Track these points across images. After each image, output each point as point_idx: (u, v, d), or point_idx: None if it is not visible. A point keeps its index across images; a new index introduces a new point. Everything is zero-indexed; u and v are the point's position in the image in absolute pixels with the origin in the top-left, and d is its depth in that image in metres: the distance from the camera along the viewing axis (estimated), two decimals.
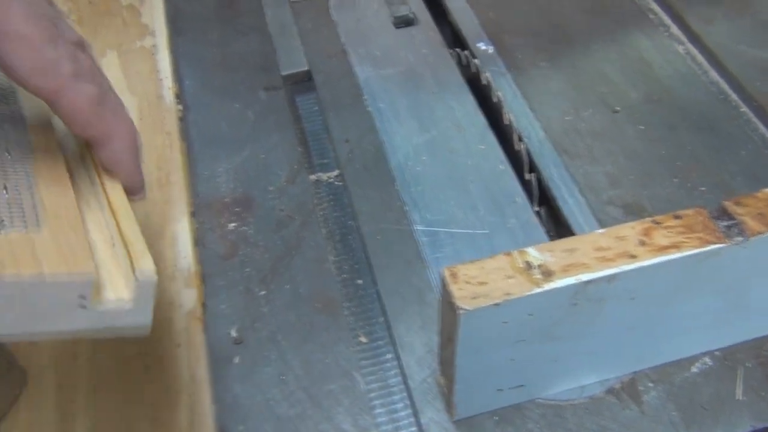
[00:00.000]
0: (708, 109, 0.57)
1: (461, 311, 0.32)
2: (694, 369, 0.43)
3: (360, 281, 0.49)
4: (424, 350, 0.44)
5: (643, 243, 0.34)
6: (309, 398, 0.42)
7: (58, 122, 0.36)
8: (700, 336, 0.42)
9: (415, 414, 0.42)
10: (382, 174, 0.54)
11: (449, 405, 0.40)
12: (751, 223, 0.34)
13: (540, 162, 0.54)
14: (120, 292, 0.29)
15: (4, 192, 0.31)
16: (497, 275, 0.33)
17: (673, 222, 0.35)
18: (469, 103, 0.59)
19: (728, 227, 0.34)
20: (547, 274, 0.33)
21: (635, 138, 0.55)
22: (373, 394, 0.43)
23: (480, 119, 0.58)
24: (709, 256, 0.34)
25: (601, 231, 0.34)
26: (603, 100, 0.58)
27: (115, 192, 0.34)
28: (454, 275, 0.33)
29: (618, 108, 0.58)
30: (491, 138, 0.56)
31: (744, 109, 0.57)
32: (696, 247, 0.33)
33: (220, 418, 0.42)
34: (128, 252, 0.31)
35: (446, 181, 0.53)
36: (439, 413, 0.41)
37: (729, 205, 0.35)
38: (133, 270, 0.29)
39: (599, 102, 0.58)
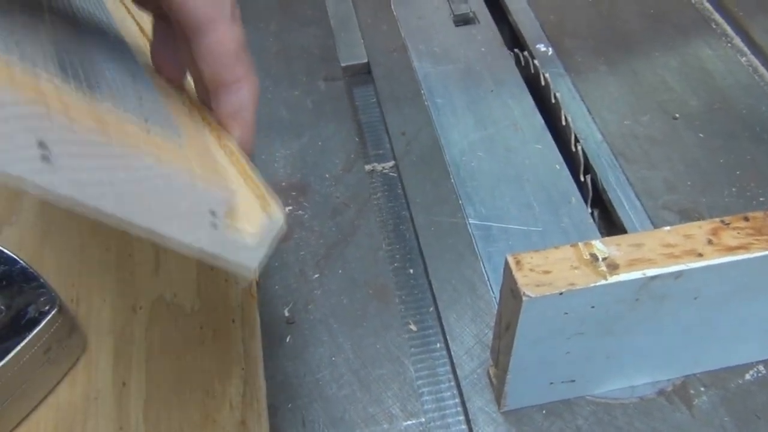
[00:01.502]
0: (760, 119, 0.57)
1: (525, 298, 0.32)
2: (748, 376, 0.42)
3: (412, 270, 0.50)
4: (473, 341, 0.44)
5: (711, 242, 0.34)
6: (358, 381, 0.43)
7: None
8: (756, 343, 0.41)
9: (463, 403, 0.42)
10: (437, 167, 0.54)
11: (499, 396, 0.40)
12: None
13: (596, 164, 0.54)
14: (249, 224, 0.28)
15: (140, 103, 0.29)
16: (562, 265, 0.33)
17: (742, 223, 0.34)
18: (526, 102, 0.59)
19: None
20: (613, 267, 0.33)
21: (694, 145, 0.55)
22: (421, 381, 0.44)
23: (537, 119, 0.58)
24: None
25: (667, 228, 0.34)
26: (662, 107, 0.58)
27: (233, 141, 0.33)
28: (518, 263, 0.33)
29: (677, 115, 0.57)
30: (548, 138, 0.56)
31: None
32: (764, 249, 0.33)
33: (270, 395, 0.42)
34: (257, 192, 0.29)
35: (501, 178, 0.53)
36: (487, 403, 0.41)
37: None
38: (264, 209, 0.28)
39: (658, 108, 0.58)
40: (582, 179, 0.54)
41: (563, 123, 0.57)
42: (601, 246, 0.34)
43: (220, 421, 0.40)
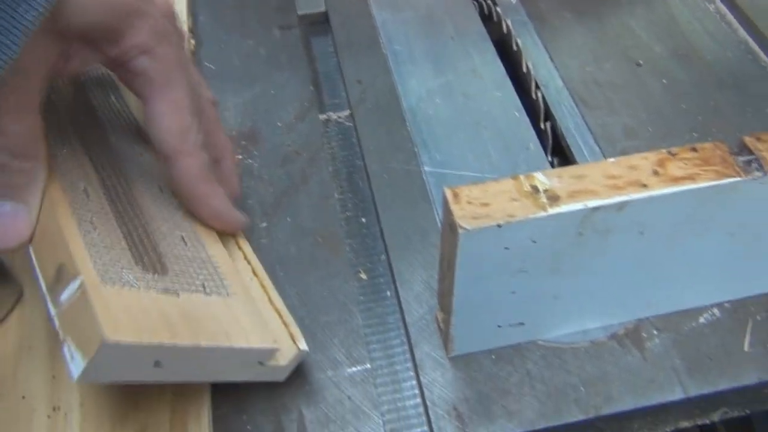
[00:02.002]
0: (735, 67, 0.55)
1: (462, 230, 0.31)
2: (701, 319, 0.41)
3: (364, 219, 0.48)
4: (423, 287, 0.43)
5: (656, 173, 0.32)
6: (303, 328, 0.41)
7: None
8: (709, 285, 0.40)
9: (411, 349, 0.41)
10: (393, 115, 0.53)
11: (446, 340, 0.39)
12: None
13: (556, 111, 0.53)
14: (285, 360, 0.36)
15: (184, 246, 0.37)
16: (502, 198, 0.32)
17: (689, 154, 0.33)
18: (487, 50, 0.57)
19: (747, 162, 0.33)
20: (554, 198, 0.32)
21: (657, 92, 0.53)
22: (369, 329, 0.42)
23: (498, 67, 0.56)
24: (724, 190, 0.32)
25: (612, 160, 0.33)
26: (626, 53, 0.56)
27: (253, 255, 0.42)
28: (456, 195, 0.32)
29: (641, 61, 0.56)
30: (508, 85, 0.55)
31: None
32: (712, 179, 0.32)
33: None
34: (289, 327, 0.38)
35: (459, 125, 0.52)
36: (434, 349, 0.40)
37: (749, 140, 0.33)
38: (294, 340, 0.37)
39: (622, 55, 0.56)
40: (542, 127, 0.53)
41: (524, 70, 0.55)
42: (542, 178, 0.32)
43: None
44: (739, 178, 0.32)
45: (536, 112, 0.53)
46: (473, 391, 0.39)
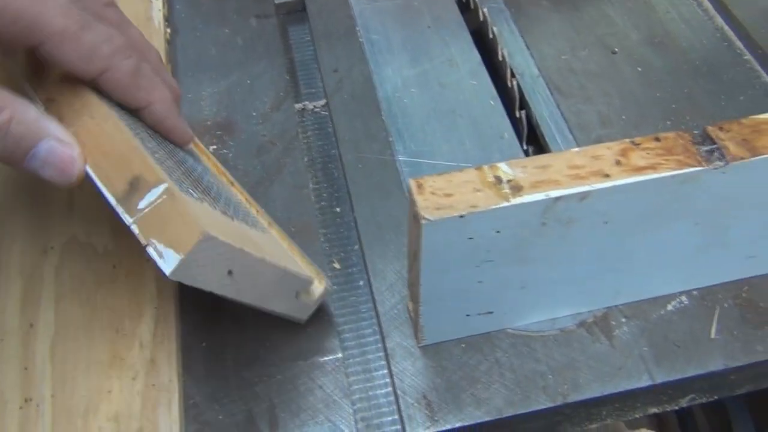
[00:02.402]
0: (710, 55, 0.55)
1: (425, 221, 0.31)
2: (669, 307, 0.41)
3: (338, 209, 0.48)
4: (395, 277, 0.43)
5: (619, 163, 0.33)
6: (275, 319, 0.42)
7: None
8: (677, 274, 0.41)
9: (383, 338, 0.41)
10: (368, 104, 0.53)
11: (416, 329, 0.40)
12: (733, 149, 0.33)
13: (531, 99, 0.53)
14: (315, 296, 0.39)
15: (221, 186, 0.40)
16: (465, 188, 0.32)
17: (652, 144, 0.33)
18: (464, 39, 0.57)
19: (709, 152, 0.33)
20: (517, 188, 0.32)
21: (632, 79, 0.54)
22: (342, 319, 0.43)
23: (474, 55, 0.56)
24: (686, 180, 0.33)
25: (576, 150, 0.33)
26: (602, 41, 0.56)
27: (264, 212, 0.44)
28: (420, 186, 0.32)
29: (617, 49, 0.56)
30: (484, 74, 0.55)
31: (748, 56, 0.56)
32: (673, 168, 0.32)
33: (185, 335, 0.41)
34: (312, 268, 0.40)
35: (434, 114, 0.52)
36: (405, 338, 0.41)
37: (712, 130, 0.34)
38: (320, 282, 0.40)
39: (598, 42, 0.56)
40: (517, 115, 0.53)
41: (500, 59, 0.55)
42: (506, 168, 0.32)
43: (128, 359, 0.39)
44: (700, 168, 0.32)
45: (512, 100, 0.53)
46: (443, 379, 0.39)
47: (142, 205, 0.31)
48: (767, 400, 0.61)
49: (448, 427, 0.38)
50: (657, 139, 0.33)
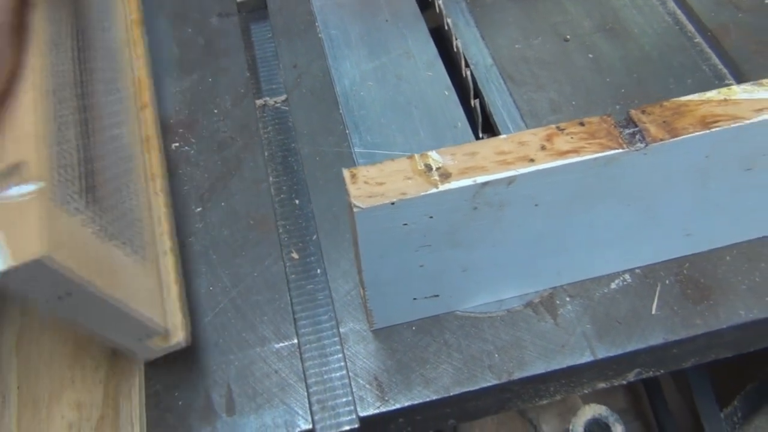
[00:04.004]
0: (661, 39, 0.57)
1: (356, 209, 0.32)
2: (613, 285, 0.43)
3: (297, 201, 0.50)
4: (349, 265, 0.45)
5: (544, 148, 0.34)
6: (234, 308, 0.43)
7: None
8: (619, 253, 0.42)
9: (337, 324, 0.43)
10: (326, 98, 0.54)
11: (367, 314, 0.41)
12: (654, 131, 0.34)
13: (485, 88, 0.54)
14: (163, 343, 0.37)
15: (126, 195, 0.39)
16: (397, 177, 0.33)
17: (576, 128, 0.35)
18: (421, 31, 0.59)
19: (631, 134, 0.34)
20: (446, 175, 0.33)
21: (583, 66, 0.55)
22: (299, 306, 0.44)
23: (431, 47, 0.57)
24: (609, 162, 0.34)
25: (504, 137, 0.35)
26: (555, 29, 0.58)
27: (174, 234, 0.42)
28: (353, 176, 0.33)
29: (569, 36, 0.57)
30: (439, 65, 0.56)
31: (698, 39, 0.57)
32: (595, 151, 0.34)
33: None
34: (176, 318, 0.38)
35: (390, 106, 0.53)
36: (358, 323, 0.42)
37: (635, 113, 0.35)
38: (175, 337, 0.38)
39: (551, 30, 0.58)
40: (472, 104, 0.54)
41: (454, 49, 0.56)
42: (436, 156, 0.34)
43: (91, 351, 0.41)
44: (621, 150, 0.34)
45: (466, 90, 0.55)
46: (394, 361, 0.41)
47: (11, 191, 0.30)
48: (727, 368, 0.63)
49: (398, 406, 0.39)
50: (581, 124, 0.35)
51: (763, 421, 0.62)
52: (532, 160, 0.33)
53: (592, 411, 0.45)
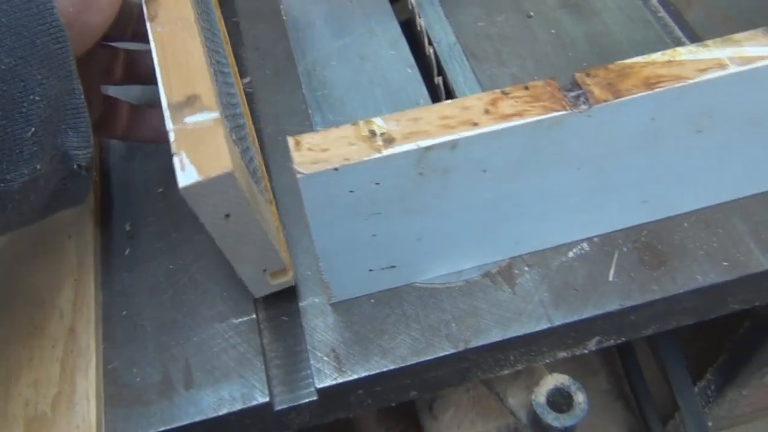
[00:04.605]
0: (624, 13, 0.57)
1: (300, 175, 0.32)
2: (571, 254, 0.43)
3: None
4: (309, 241, 0.44)
5: (487, 112, 0.34)
6: (194, 286, 0.44)
7: None
8: (577, 221, 0.42)
9: (297, 299, 0.43)
10: (289, 79, 0.54)
11: (325, 287, 0.41)
12: (597, 92, 0.34)
13: (448, 65, 0.54)
14: (279, 279, 0.40)
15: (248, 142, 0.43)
16: (340, 143, 0.33)
17: (521, 92, 0.35)
18: (384, 10, 0.59)
19: (575, 97, 0.34)
20: (389, 141, 0.33)
21: (545, 42, 0.55)
22: None
23: (394, 26, 0.57)
24: (553, 125, 0.34)
25: (448, 102, 0.35)
26: (518, 6, 0.58)
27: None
28: (298, 143, 0.34)
29: (532, 13, 0.57)
30: (403, 44, 0.56)
31: (662, 13, 0.57)
32: (539, 114, 0.34)
33: (107, 305, 0.43)
34: (287, 259, 0.41)
35: (352, 85, 0.53)
36: (318, 297, 0.42)
37: (579, 75, 0.35)
38: (286, 274, 0.41)
39: (514, 7, 0.58)
40: (436, 82, 0.54)
41: (418, 27, 0.56)
42: (380, 122, 0.34)
43: (48, 330, 0.41)
44: (564, 112, 0.34)
45: (429, 68, 0.55)
46: (352, 333, 0.41)
47: (188, 120, 0.33)
48: (698, 341, 0.63)
49: (355, 377, 0.39)
50: (526, 88, 0.35)
51: (736, 393, 0.62)
52: (475, 124, 0.34)
53: (554, 381, 0.45)
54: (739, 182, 0.43)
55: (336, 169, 0.33)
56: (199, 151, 0.32)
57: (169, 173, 0.49)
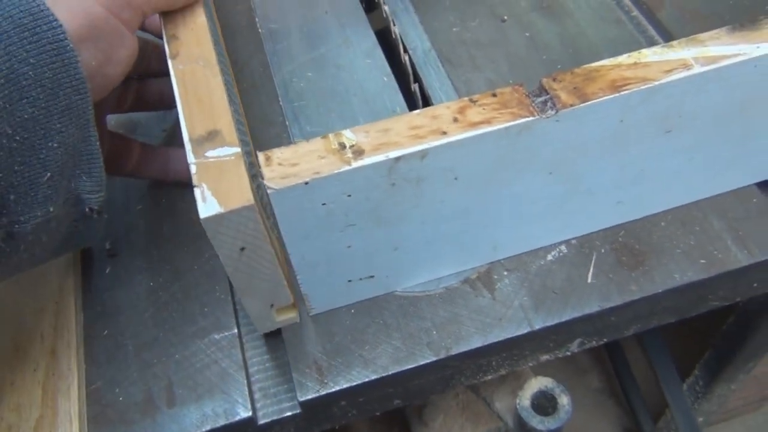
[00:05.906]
0: (597, 14, 0.57)
1: (270, 190, 0.33)
2: (549, 257, 0.43)
3: None
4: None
5: (456, 120, 0.34)
6: (175, 303, 0.44)
7: None
8: (554, 224, 0.42)
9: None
10: (266, 91, 0.54)
11: (305, 300, 0.41)
12: (564, 97, 0.34)
13: (423, 72, 0.54)
14: (284, 316, 0.41)
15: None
16: (310, 157, 0.34)
17: (489, 100, 0.35)
18: (360, 20, 0.59)
19: (543, 102, 0.35)
20: (359, 152, 0.33)
21: (520, 45, 0.55)
22: (239, 297, 0.44)
23: (370, 35, 0.58)
24: (522, 131, 0.34)
25: (417, 111, 0.35)
26: (492, 11, 0.58)
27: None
28: (268, 158, 0.34)
29: (506, 17, 0.57)
30: (379, 52, 0.56)
31: (635, 13, 0.57)
32: (507, 121, 0.34)
33: (88, 326, 0.43)
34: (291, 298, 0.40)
35: (329, 95, 0.53)
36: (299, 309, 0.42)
37: (546, 81, 0.35)
38: (292, 311, 0.41)
39: (488, 12, 0.58)
40: (412, 89, 0.54)
41: (393, 35, 0.57)
42: (349, 134, 0.34)
43: (30, 352, 0.41)
44: (532, 118, 0.34)
45: (405, 75, 0.55)
46: (333, 344, 0.41)
47: (210, 153, 0.34)
48: (684, 338, 0.63)
49: (337, 388, 0.39)
50: (494, 95, 0.35)
51: (724, 388, 0.62)
52: (444, 133, 0.34)
53: (538, 384, 0.45)
54: (712, 180, 0.43)
55: (306, 183, 0.33)
56: (220, 183, 0.33)
57: (148, 192, 0.49)
